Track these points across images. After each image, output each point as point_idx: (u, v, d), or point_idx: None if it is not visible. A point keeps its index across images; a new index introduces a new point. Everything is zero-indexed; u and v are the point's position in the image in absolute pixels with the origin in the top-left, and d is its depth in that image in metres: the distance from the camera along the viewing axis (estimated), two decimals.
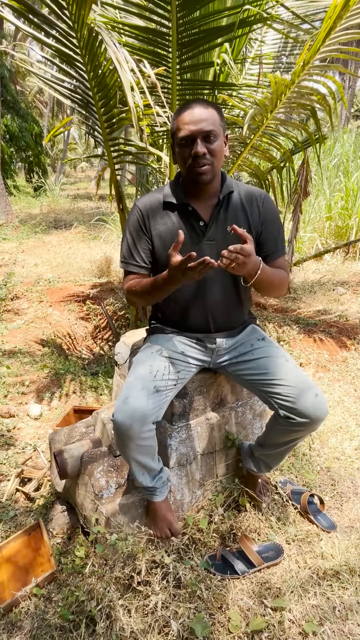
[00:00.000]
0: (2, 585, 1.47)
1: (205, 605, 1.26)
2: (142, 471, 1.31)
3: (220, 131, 1.29)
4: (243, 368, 1.39)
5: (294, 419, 1.27)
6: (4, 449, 2.27)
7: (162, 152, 2.66)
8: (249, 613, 1.26)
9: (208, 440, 1.52)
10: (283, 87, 2.49)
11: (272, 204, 1.43)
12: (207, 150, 1.25)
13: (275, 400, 1.29)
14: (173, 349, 1.38)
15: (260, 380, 1.33)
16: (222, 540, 1.50)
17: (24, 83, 23.90)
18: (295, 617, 1.23)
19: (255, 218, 1.39)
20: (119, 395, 1.23)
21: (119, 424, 1.19)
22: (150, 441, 1.25)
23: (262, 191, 1.44)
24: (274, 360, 1.34)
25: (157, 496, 1.37)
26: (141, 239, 1.40)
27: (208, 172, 1.28)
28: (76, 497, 1.53)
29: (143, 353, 1.37)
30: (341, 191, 6.06)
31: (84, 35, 2.32)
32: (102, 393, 2.92)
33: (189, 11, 2.45)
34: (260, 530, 1.53)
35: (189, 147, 1.26)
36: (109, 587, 1.24)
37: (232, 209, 1.38)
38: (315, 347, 3.06)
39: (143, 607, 1.28)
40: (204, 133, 1.24)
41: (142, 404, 1.19)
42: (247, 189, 1.43)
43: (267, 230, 1.41)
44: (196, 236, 1.36)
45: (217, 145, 1.27)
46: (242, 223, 1.37)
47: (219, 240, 1.35)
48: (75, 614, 1.27)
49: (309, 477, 1.80)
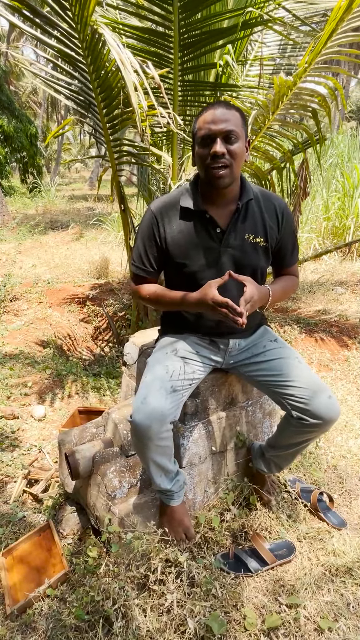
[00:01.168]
0: (15, 587, 1.47)
1: (221, 603, 1.27)
2: (160, 473, 1.31)
3: (242, 134, 1.26)
4: (256, 369, 1.40)
5: (307, 420, 1.28)
6: (9, 450, 2.26)
7: (164, 153, 2.66)
8: (264, 610, 1.27)
9: (219, 440, 1.53)
10: (285, 88, 2.50)
11: (291, 215, 1.43)
12: (226, 151, 1.23)
13: (289, 401, 1.30)
14: (188, 349, 1.38)
15: (274, 382, 1.34)
16: (233, 539, 1.51)
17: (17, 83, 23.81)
18: (310, 613, 1.24)
19: (273, 228, 1.38)
20: (136, 396, 1.23)
21: (138, 424, 1.19)
22: (168, 441, 1.26)
23: (281, 201, 1.42)
24: (287, 361, 1.35)
25: (174, 500, 1.37)
26: (152, 245, 1.39)
27: (226, 175, 1.25)
28: (87, 497, 1.53)
29: (158, 353, 1.37)
30: (338, 192, 6.10)
31: (86, 36, 2.32)
32: (105, 394, 2.92)
33: (191, 13, 2.47)
34: (271, 528, 1.54)
35: (209, 147, 1.24)
36: (125, 587, 1.24)
37: (251, 217, 1.36)
38: (317, 346, 3.09)
39: (158, 606, 1.28)
40: (224, 133, 1.22)
41: (160, 403, 1.20)
42: (266, 196, 1.41)
43: (285, 241, 1.42)
44: (213, 243, 1.35)
45: (237, 147, 1.24)
46: (259, 232, 1.36)
47: (236, 248, 1.35)
48: (91, 614, 1.28)
49: (316, 475, 1.81)
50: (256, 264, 1.36)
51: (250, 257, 1.36)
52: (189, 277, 1.36)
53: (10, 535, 1.69)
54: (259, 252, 1.37)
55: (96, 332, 4.13)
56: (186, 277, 1.37)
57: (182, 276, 1.38)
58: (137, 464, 1.49)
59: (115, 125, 2.70)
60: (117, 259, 5.82)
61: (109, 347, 3.90)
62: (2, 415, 2.52)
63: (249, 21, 2.61)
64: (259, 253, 1.37)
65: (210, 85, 2.96)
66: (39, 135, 14.99)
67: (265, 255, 1.39)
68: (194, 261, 1.35)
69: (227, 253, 1.35)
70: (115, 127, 2.70)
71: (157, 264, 1.42)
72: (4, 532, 1.69)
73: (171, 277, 1.46)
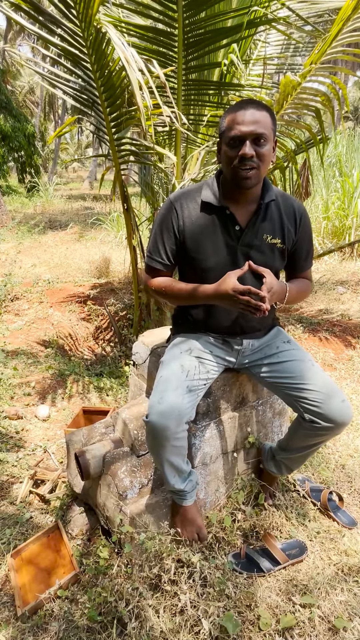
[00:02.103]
0: (24, 587, 1.45)
1: (234, 603, 1.26)
2: (174, 473, 1.30)
3: (271, 136, 1.24)
4: (268, 370, 1.39)
5: (319, 424, 1.27)
6: (13, 450, 2.25)
7: (169, 152, 2.65)
8: (278, 610, 1.26)
9: (230, 439, 1.52)
10: (290, 88, 2.50)
11: (309, 220, 1.42)
12: (255, 153, 1.21)
13: (302, 404, 1.29)
14: (202, 348, 1.37)
15: (287, 384, 1.33)
16: (244, 538, 1.50)
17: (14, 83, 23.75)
18: (324, 613, 1.24)
19: (291, 232, 1.37)
20: (152, 396, 1.22)
21: (155, 424, 1.18)
22: (183, 441, 1.25)
23: (300, 204, 1.42)
24: (301, 364, 1.34)
25: (186, 500, 1.36)
26: (169, 236, 1.37)
27: (253, 177, 1.24)
28: (97, 497, 1.52)
29: (171, 352, 1.36)
30: (338, 191, 6.11)
31: (90, 34, 2.31)
32: (108, 394, 2.91)
33: (196, 11, 2.46)
34: (281, 527, 1.54)
35: (237, 148, 1.22)
36: (140, 587, 1.23)
37: (270, 218, 1.35)
38: (320, 346, 3.09)
39: (171, 606, 1.28)
40: (254, 135, 1.20)
41: (177, 403, 1.19)
42: (286, 199, 1.40)
43: (301, 246, 1.42)
44: (231, 240, 1.34)
45: (266, 150, 1.22)
46: (277, 234, 1.35)
47: (254, 247, 1.34)
48: (103, 615, 1.27)
49: (325, 475, 1.81)
50: (272, 264, 1.35)
51: (266, 258, 1.35)
52: (203, 272, 1.35)
53: (18, 536, 1.68)
54: (276, 254, 1.37)
55: (97, 332, 4.12)
56: (200, 273, 1.36)
57: (196, 271, 1.37)
58: (148, 464, 1.48)
59: (119, 124, 2.69)
60: (117, 259, 5.81)
61: (110, 347, 3.89)
62: (6, 415, 2.50)
63: (254, 20, 2.61)
64: (275, 254, 1.36)
65: (214, 85, 2.96)
66: (37, 134, 14.94)
67: (281, 257, 1.39)
68: (210, 257, 1.34)
69: (244, 251, 1.34)
70: (119, 126, 2.69)
71: (172, 256, 1.40)
72: (12, 533, 1.68)
73: (185, 272, 1.44)
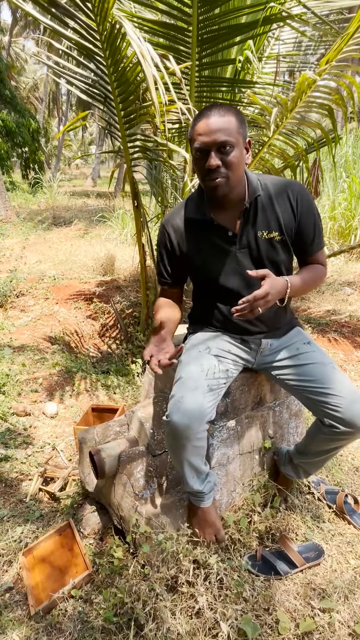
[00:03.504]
0: (37, 587, 1.44)
1: (252, 606, 1.25)
2: (193, 474, 1.28)
3: (239, 139, 1.20)
4: (288, 373, 1.37)
5: (339, 428, 1.25)
6: (22, 447, 2.23)
7: (181, 149, 2.63)
8: (296, 614, 1.24)
9: (247, 440, 1.50)
10: (305, 86, 2.48)
11: (308, 197, 1.32)
12: (221, 163, 1.18)
13: (322, 408, 1.27)
14: (220, 347, 1.35)
15: (307, 388, 1.30)
16: (260, 540, 1.48)
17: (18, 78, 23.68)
18: (344, 618, 1.22)
19: (288, 217, 1.31)
20: (172, 396, 1.20)
21: (176, 424, 1.16)
22: (203, 442, 1.23)
23: (295, 184, 1.33)
24: (322, 367, 1.31)
25: (204, 501, 1.34)
26: (165, 257, 1.45)
27: (222, 185, 1.21)
28: (111, 497, 1.50)
29: (191, 351, 1.34)
30: (344, 192, 6.09)
31: (105, 28, 2.29)
32: (115, 392, 2.89)
33: (210, 7, 2.44)
34: (297, 530, 1.52)
35: (204, 160, 1.20)
36: (157, 588, 1.22)
37: (261, 213, 1.31)
38: (330, 347, 3.07)
39: (187, 608, 1.26)
40: (218, 144, 1.17)
41: (198, 402, 1.17)
42: (278, 183, 1.33)
43: (304, 226, 1.34)
44: (227, 246, 1.33)
45: (233, 157, 1.19)
46: (272, 227, 1.31)
47: (252, 247, 1.32)
48: (119, 615, 1.25)
49: (339, 477, 1.79)
50: (276, 259, 1.33)
51: (268, 254, 1.32)
52: (211, 282, 1.38)
53: (28, 534, 1.66)
54: (276, 247, 1.33)
55: (103, 329, 4.10)
56: (208, 283, 1.39)
57: (204, 282, 1.41)
58: (164, 464, 1.46)
59: (131, 120, 2.66)
60: (122, 256, 5.78)
61: (115, 345, 3.87)
62: (14, 412, 2.49)
63: (270, 17, 2.58)
64: (276, 248, 1.33)
65: (227, 82, 2.93)
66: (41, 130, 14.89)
67: (284, 249, 1.34)
68: (213, 267, 1.36)
69: (243, 253, 1.33)
70: (132, 121, 2.67)
71: (174, 274, 1.47)
72: (23, 530, 1.67)
73: (195, 283, 1.48)
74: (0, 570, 1.51)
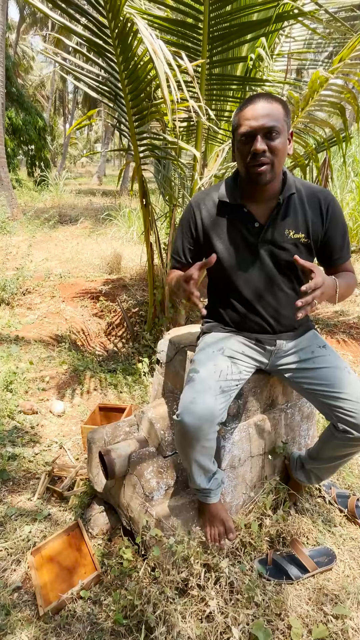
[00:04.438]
0: (46, 586, 1.43)
1: (263, 611, 1.23)
2: (200, 472, 1.28)
3: (284, 128, 1.20)
4: (303, 376, 1.35)
5: (352, 434, 1.23)
6: (29, 446, 2.22)
7: (191, 147, 2.61)
8: (308, 620, 1.23)
9: (258, 442, 1.48)
10: (317, 84, 2.46)
11: (339, 207, 1.35)
12: (267, 148, 1.17)
13: (336, 413, 1.25)
14: (234, 348, 1.34)
15: (322, 392, 1.28)
16: (270, 544, 1.47)
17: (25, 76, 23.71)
18: (358, 625, 1.21)
19: (316, 224, 1.32)
20: (184, 396, 1.19)
21: (187, 425, 1.15)
22: (213, 442, 1.22)
23: (327, 192, 1.35)
24: (337, 371, 1.29)
25: (211, 498, 1.33)
26: (187, 237, 1.41)
27: (267, 172, 1.20)
28: (121, 497, 1.49)
29: (204, 352, 1.32)
30: (352, 191, 6.05)
31: (117, 25, 2.27)
32: (122, 391, 2.88)
33: (222, 4, 2.42)
34: (308, 534, 1.50)
35: (249, 144, 1.19)
36: (168, 591, 1.20)
37: (292, 212, 1.31)
38: (339, 348, 3.04)
39: (198, 612, 1.25)
40: (265, 129, 1.16)
41: (210, 404, 1.16)
42: (310, 188, 1.35)
43: (333, 237, 1.34)
44: (251, 238, 1.31)
45: (278, 143, 1.18)
46: (300, 228, 1.31)
47: (276, 243, 1.31)
48: (129, 618, 1.24)
49: (350, 480, 1.77)
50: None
51: (290, 254, 1.31)
52: (226, 271, 1.35)
53: (36, 533, 1.65)
54: (300, 249, 1.32)
55: (109, 328, 4.09)
56: (224, 272, 1.36)
57: (220, 271, 1.36)
58: (175, 465, 1.45)
59: (142, 118, 2.65)
60: (129, 255, 5.77)
61: (122, 343, 3.86)
62: (21, 410, 2.48)
63: (282, 14, 2.56)
64: (300, 249, 1.32)
65: (237, 79, 2.91)
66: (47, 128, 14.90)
67: (307, 252, 1.34)
68: (231, 256, 1.33)
69: (266, 248, 1.31)
70: (142, 119, 2.65)
71: (191, 256, 1.43)
72: (31, 530, 1.66)
73: (211, 272, 1.42)
74: (9, 570, 1.50)
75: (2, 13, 7.60)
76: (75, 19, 2.44)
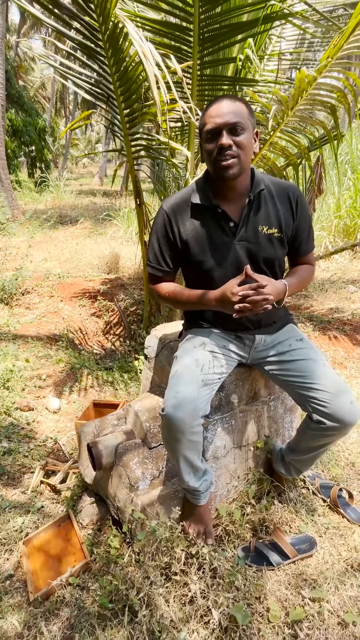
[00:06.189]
0: (36, 574, 1.48)
1: (244, 595, 1.27)
2: (189, 470, 1.30)
3: (249, 125, 1.24)
4: (280, 368, 1.39)
5: (325, 424, 1.27)
6: (25, 441, 2.27)
7: (183, 147, 2.65)
8: (287, 603, 1.27)
9: (241, 434, 1.53)
10: (305, 83, 2.49)
11: (306, 202, 1.40)
12: (233, 142, 1.22)
13: (311, 403, 1.29)
14: (215, 343, 1.38)
15: (297, 383, 1.32)
16: (254, 532, 1.51)
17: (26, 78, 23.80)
18: (334, 607, 1.25)
19: (287, 216, 1.36)
20: (168, 390, 1.23)
21: (171, 417, 1.18)
22: (199, 436, 1.25)
23: (294, 187, 1.39)
24: (312, 363, 1.33)
25: (199, 500, 1.37)
26: (166, 244, 1.41)
27: (234, 165, 1.23)
28: (109, 488, 1.54)
29: (185, 347, 1.36)
30: (349, 189, 6.06)
31: (108, 28, 2.32)
32: (118, 388, 2.93)
33: (212, 6, 2.45)
34: (291, 522, 1.55)
35: (215, 140, 1.23)
36: (151, 576, 1.25)
37: (263, 208, 1.34)
38: (330, 344, 3.08)
39: (181, 596, 1.29)
40: (230, 125, 1.21)
41: (193, 396, 1.19)
42: (278, 184, 1.39)
43: (300, 229, 1.40)
44: (227, 237, 1.34)
45: (243, 138, 1.22)
46: (273, 223, 1.34)
47: (250, 241, 1.34)
48: (114, 602, 1.29)
49: (335, 472, 1.81)
50: (272, 255, 1.35)
51: (265, 249, 1.34)
52: (206, 273, 1.37)
53: (29, 524, 1.70)
54: (274, 244, 1.36)
55: (107, 327, 4.14)
56: (203, 274, 1.38)
57: (199, 273, 1.39)
58: (160, 456, 1.49)
59: (133, 119, 2.69)
60: (127, 254, 5.82)
61: (119, 342, 3.91)
62: (17, 406, 2.53)
63: (271, 15, 2.60)
64: (274, 244, 1.35)
65: (228, 80, 2.95)
66: (48, 129, 14.97)
67: (281, 246, 1.38)
68: (210, 257, 1.36)
69: (242, 246, 1.34)
70: (134, 120, 2.70)
71: (172, 262, 1.44)
72: (24, 521, 1.71)
73: (189, 274, 1.47)
74: (2, 559, 1.55)
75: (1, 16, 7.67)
76: (67, 23, 2.49)
